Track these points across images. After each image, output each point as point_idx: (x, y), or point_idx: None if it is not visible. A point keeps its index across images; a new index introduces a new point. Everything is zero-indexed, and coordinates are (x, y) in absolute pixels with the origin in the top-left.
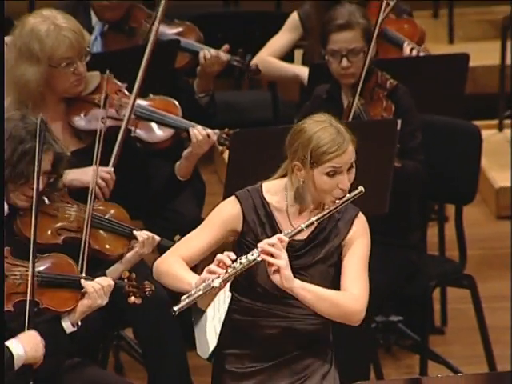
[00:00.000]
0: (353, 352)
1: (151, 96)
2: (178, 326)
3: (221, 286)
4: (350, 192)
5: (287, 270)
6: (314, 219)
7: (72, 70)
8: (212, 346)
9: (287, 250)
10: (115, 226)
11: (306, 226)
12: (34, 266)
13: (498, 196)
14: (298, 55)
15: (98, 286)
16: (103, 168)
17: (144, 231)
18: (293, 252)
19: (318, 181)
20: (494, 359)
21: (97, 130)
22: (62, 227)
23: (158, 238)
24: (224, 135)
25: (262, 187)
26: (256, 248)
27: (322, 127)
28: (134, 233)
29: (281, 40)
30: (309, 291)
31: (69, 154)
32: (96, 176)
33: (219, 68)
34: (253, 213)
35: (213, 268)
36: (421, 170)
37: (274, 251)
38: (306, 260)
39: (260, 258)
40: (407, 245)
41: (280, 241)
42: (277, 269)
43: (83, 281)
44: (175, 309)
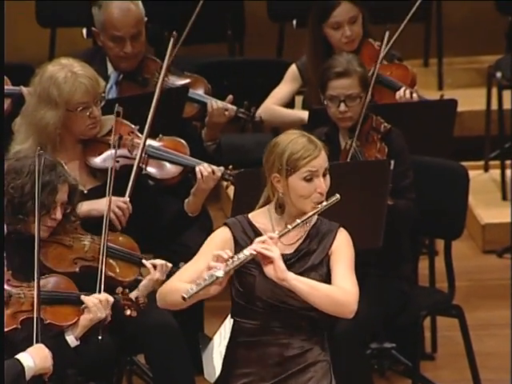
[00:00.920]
0: (349, 376)
1: (161, 136)
2: (187, 352)
3: (222, 277)
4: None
5: (280, 262)
6: (298, 221)
7: (88, 113)
8: (218, 370)
9: None
10: (126, 255)
11: (293, 227)
12: (39, 286)
13: (484, 232)
14: (299, 101)
15: (96, 301)
16: (119, 198)
17: (158, 259)
18: (284, 263)
19: (296, 187)
20: (480, 383)
21: (109, 168)
22: (77, 257)
23: (170, 265)
24: (228, 171)
25: (247, 215)
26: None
27: (294, 137)
28: (150, 261)
29: (283, 90)
30: (303, 282)
31: (85, 191)
32: (109, 205)
33: (226, 119)
34: (243, 234)
35: (213, 264)
36: (412, 208)
37: (266, 246)
38: (296, 270)
39: (255, 252)
40: (399, 276)
41: (270, 238)
42: (270, 261)
43: (83, 296)
44: (185, 296)
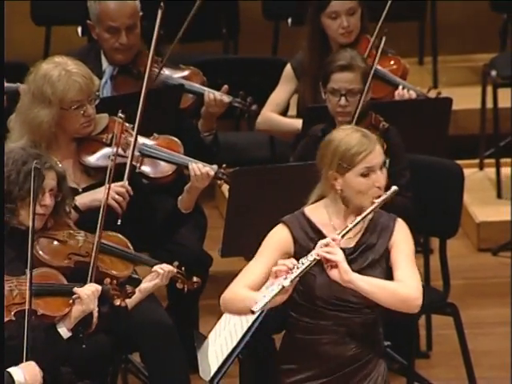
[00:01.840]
0: None
1: (155, 135)
2: (182, 351)
3: (289, 285)
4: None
5: (344, 264)
6: (359, 219)
7: (82, 112)
8: (213, 368)
9: None
10: (121, 251)
11: (354, 225)
12: (31, 279)
13: (479, 230)
14: (294, 99)
15: (89, 292)
16: (117, 183)
17: (164, 264)
18: (345, 256)
19: (354, 183)
20: (475, 381)
21: (105, 166)
22: (72, 252)
23: (174, 271)
24: (222, 170)
25: (304, 210)
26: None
27: (348, 133)
28: (155, 267)
29: (279, 94)
30: (368, 282)
31: (80, 189)
32: (107, 196)
33: (222, 109)
34: (301, 232)
35: (278, 269)
36: (409, 206)
37: (329, 249)
38: (357, 266)
39: (319, 257)
40: None
41: (333, 239)
42: (334, 264)
43: (76, 288)
44: (253, 309)
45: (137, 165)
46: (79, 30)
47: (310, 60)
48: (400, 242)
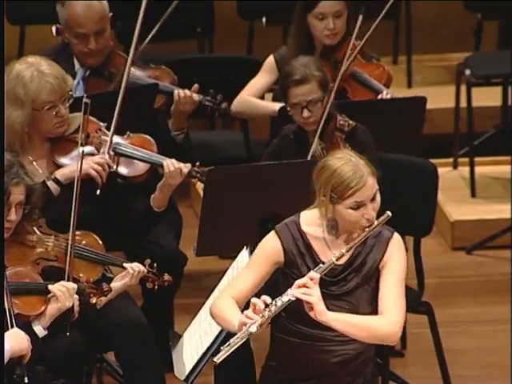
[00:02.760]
0: None
1: (129, 134)
2: (157, 350)
3: (258, 330)
4: (378, 217)
5: (320, 305)
6: (343, 251)
7: (54, 112)
8: (188, 367)
9: (326, 275)
10: (90, 254)
11: (337, 259)
12: (5, 278)
13: (453, 228)
14: (268, 98)
15: (64, 289)
16: (95, 156)
17: (135, 263)
18: (333, 277)
19: (343, 214)
20: (449, 380)
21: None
22: (40, 257)
23: (145, 271)
24: (195, 168)
25: (299, 218)
26: (290, 289)
27: (342, 163)
28: (126, 265)
29: (259, 82)
30: (343, 321)
31: (40, 182)
32: (76, 206)
33: (191, 107)
34: (292, 245)
35: (250, 314)
36: None
37: (305, 291)
38: (347, 286)
39: (293, 298)
40: None
41: (310, 278)
42: (311, 305)
43: (50, 286)
44: (215, 360)
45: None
46: (53, 29)
47: (294, 58)
48: (392, 264)
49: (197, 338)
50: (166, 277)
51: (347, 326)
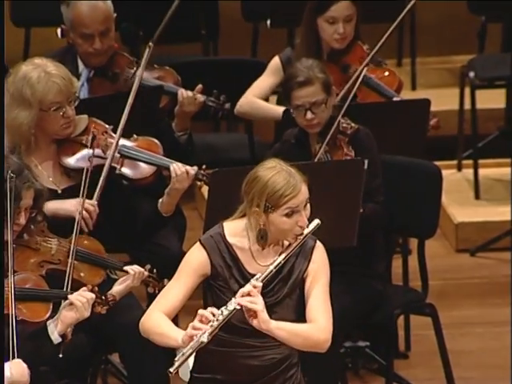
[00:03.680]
0: (323, 375)
1: (135, 136)
2: (161, 351)
3: (209, 340)
4: (308, 225)
5: (264, 314)
6: (280, 259)
7: (61, 113)
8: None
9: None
10: (92, 258)
11: (275, 267)
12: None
13: (457, 231)
14: (272, 101)
15: (84, 300)
16: (87, 201)
17: (135, 266)
18: (262, 288)
19: (277, 223)
20: (453, 381)
21: (83, 169)
22: (44, 260)
23: (146, 273)
24: (202, 171)
25: (223, 230)
26: (234, 298)
27: (275, 173)
28: (128, 267)
29: (264, 82)
30: (284, 330)
31: (60, 191)
32: (82, 207)
33: (196, 108)
34: (218, 257)
35: (197, 325)
36: (379, 212)
37: (250, 299)
38: (275, 297)
39: (239, 306)
40: (373, 275)
41: (254, 287)
42: (254, 313)
43: (70, 296)
44: (171, 370)
45: (117, 166)
46: (59, 31)
47: (299, 59)
48: (316, 272)
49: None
50: (166, 282)
51: (286, 333)
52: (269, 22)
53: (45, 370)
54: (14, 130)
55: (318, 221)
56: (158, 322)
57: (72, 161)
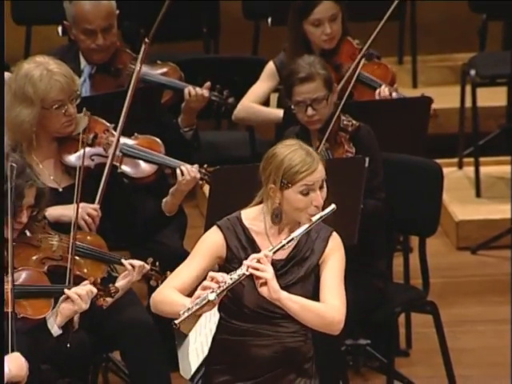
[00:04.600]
0: (324, 373)
1: (136, 135)
2: (163, 349)
3: (215, 299)
4: (323, 210)
5: (274, 282)
6: (293, 235)
7: (63, 111)
8: (194, 367)
9: None
10: (94, 253)
11: (288, 242)
12: (13, 281)
13: (458, 228)
14: (274, 99)
15: (83, 292)
16: (90, 205)
17: (135, 260)
18: (277, 271)
19: (292, 200)
20: (454, 379)
21: (86, 167)
22: (45, 257)
23: (148, 267)
24: (203, 171)
25: (240, 215)
26: (243, 265)
27: (293, 149)
28: (124, 261)
29: (260, 88)
30: (295, 302)
31: (60, 189)
32: (76, 211)
33: (202, 104)
34: (235, 239)
35: (207, 283)
36: (381, 208)
37: (260, 265)
38: (289, 279)
39: (248, 272)
40: (374, 273)
41: (265, 255)
42: (264, 281)
43: (67, 290)
44: (176, 322)
45: (118, 164)
46: (59, 29)
47: (292, 63)
48: (331, 259)
49: (202, 337)
50: (169, 274)
51: (298, 306)
52: (270, 20)
53: (46, 368)
54: (16, 127)
55: (334, 206)
56: (168, 293)
57: (73, 159)
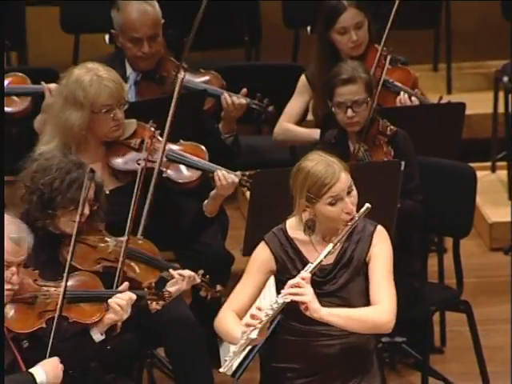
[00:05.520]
0: None
1: (181, 141)
2: (205, 346)
3: (258, 336)
4: (357, 211)
5: (313, 304)
6: (330, 247)
7: (111, 116)
8: (235, 363)
9: (318, 276)
10: (148, 258)
11: (325, 256)
12: (66, 287)
13: (491, 230)
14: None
15: (123, 303)
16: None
17: (186, 270)
18: (324, 276)
19: (324, 212)
20: (487, 376)
21: (133, 170)
22: (101, 257)
23: (198, 279)
24: (245, 178)
25: (285, 225)
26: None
27: (313, 164)
28: (177, 271)
29: (295, 104)
30: (337, 316)
31: (107, 192)
32: (134, 212)
33: (240, 112)
34: (282, 252)
35: (249, 321)
36: (419, 209)
37: (298, 290)
38: (338, 282)
39: (288, 300)
40: (410, 273)
41: (302, 278)
42: (305, 304)
43: (110, 300)
44: (220, 370)
45: (163, 170)
46: (106, 37)
47: (321, 72)
48: (378, 255)
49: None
50: (219, 287)
51: (341, 319)
52: (309, 28)
53: (94, 365)
54: (66, 130)
55: (368, 205)
56: (224, 321)
57: (120, 163)
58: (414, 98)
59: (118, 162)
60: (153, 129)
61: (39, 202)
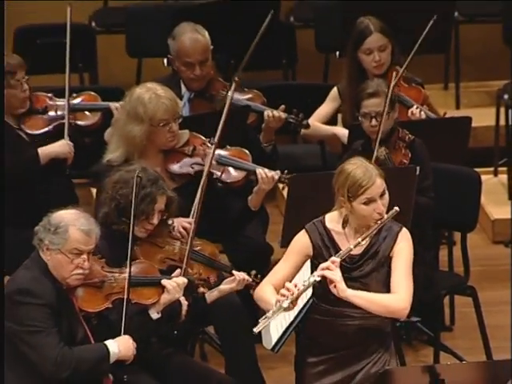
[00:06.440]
0: None
1: (228, 147)
2: (249, 324)
3: (289, 306)
4: (387, 212)
5: (341, 284)
6: (359, 240)
7: (168, 128)
8: (274, 339)
9: (347, 263)
10: (208, 259)
11: (354, 246)
12: (130, 274)
13: (494, 226)
14: (340, 117)
15: (175, 284)
16: (185, 219)
17: (242, 272)
18: (352, 264)
19: (358, 209)
20: (490, 350)
21: (187, 173)
22: (167, 257)
23: (250, 280)
24: (284, 175)
25: (324, 218)
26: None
27: (354, 168)
28: (234, 272)
29: (325, 109)
30: (360, 297)
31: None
32: (198, 215)
33: (279, 124)
34: (319, 239)
35: (283, 292)
36: (431, 205)
37: (328, 271)
38: (364, 270)
39: (319, 278)
40: (424, 262)
41: (332, 262)
42: (334, 284)
43: (163, 280)
44: (255, 330)
45: (213, 172)
46: (165, 61)
47: (350, 87)
48: (401, 252)
49: (282, 313)
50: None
51: (364, 300)
52: (338, 53)
53: (154, 340)
54: (129, 141)
55: (397, 208)
56: (264, 291)
57: (176, 167)
58: (422, 113)
59: (174, 167)
60: (203, 138)
61: (116, 209)
